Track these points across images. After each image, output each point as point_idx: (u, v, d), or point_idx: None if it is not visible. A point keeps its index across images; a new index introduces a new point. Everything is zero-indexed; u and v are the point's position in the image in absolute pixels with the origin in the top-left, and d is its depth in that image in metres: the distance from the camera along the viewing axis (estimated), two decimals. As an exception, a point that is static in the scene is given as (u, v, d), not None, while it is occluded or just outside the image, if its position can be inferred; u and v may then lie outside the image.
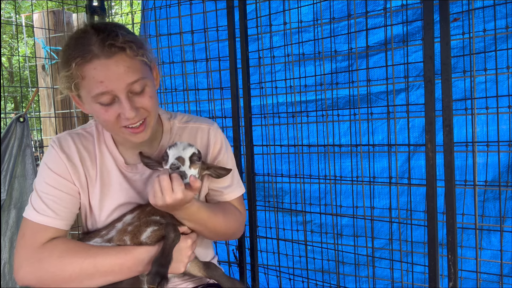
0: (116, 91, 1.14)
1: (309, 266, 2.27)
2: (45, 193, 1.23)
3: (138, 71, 1.16)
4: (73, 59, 1.14)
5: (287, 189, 2.38)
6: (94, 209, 1.31)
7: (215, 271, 1.32)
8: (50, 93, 3.10)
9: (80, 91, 1.18)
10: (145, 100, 1.19)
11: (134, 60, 1.15)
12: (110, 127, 1.21)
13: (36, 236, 1.21)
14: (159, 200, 1.10)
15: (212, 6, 2.33)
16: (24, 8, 7.52)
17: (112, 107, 1.16)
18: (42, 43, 3.06)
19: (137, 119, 1.18)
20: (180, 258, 1.22)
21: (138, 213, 1.25)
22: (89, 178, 1.30)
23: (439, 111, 1.38)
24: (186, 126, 1.40)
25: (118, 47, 1.12)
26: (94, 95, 1.14)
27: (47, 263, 1.17)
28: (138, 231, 1.20)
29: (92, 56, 1.12)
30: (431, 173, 1.39)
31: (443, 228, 1.42)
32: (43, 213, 1.22)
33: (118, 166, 1.32)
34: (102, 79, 1.12)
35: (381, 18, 2.11)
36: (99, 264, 1.17)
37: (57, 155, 1.27)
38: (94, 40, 1.13)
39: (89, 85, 1.14)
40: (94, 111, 1.19)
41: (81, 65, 1.13)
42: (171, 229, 1.17)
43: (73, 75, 1.14)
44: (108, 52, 1.12)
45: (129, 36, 1.16)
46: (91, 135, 1.34)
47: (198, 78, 2.50)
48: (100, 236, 1.26)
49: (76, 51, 1.14)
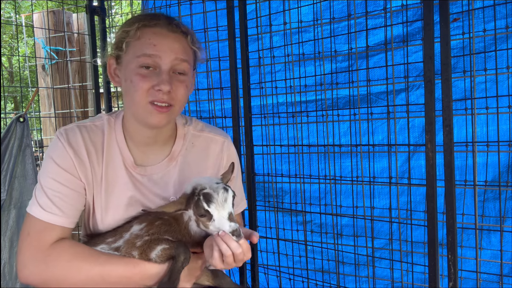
0: (163, 60, 1.19)
1: (309, 266, 2.27)
2: (50, 188, 1.19)
3: (189, 56, 1.25)
4: (137, 21, 1.22)
5: (287, 189, 2.38)
6: (97, 208, 1.27)
7: (223, 279, 1.31)
8: (50, 93, 3.10)
9: (126, 52, 1.22)
10: (180, 87, 1.22)
11: (189, 48, 1.25)
12: (138, 98, 1.19)
13: (41, 235, 1.17)
14: (228, 265, 1.10)
15: (212, 6, 2.33)
16: (24, 8, 7.52)
17: (150, 77, 1.18)
18: (42, 43, 3.06)
19: (166, 98, 1.19)
20: (188, 278, 1.21)
21: (147, 226, 1.20)
22: (94, 174, 1.26)
23: (439, 111, 1.38)
24: (200, 135, 1.40)
25: (182, 30, 1.24)
26: (140, 55, 1.18)
27: (53, 267, 1.15)
28: (148, 247, 1.16)
29: (156, 24, 1.22)
30: (431, 173, 1.39)
31: (443, 228, 1.42)
32: (49, 211, 1.18)
33: (126, 165, 1.29)
34: (156, 43, 1.19)
35: (381, 19, 2.11)
36: (106, 274, 1.15)
37: (64, 148, 1.22)
38: (163, 18, 1.24)
39: (141, 45, 1.19)
40: (131, 77, 1.19)
41: (143, 27, 1.21)
42: (182, 251, 1.14)
43: (130, 33, 1.21)
44: (172, 28, 1.23)
45: (192, 31, 1.28)
46: (99, 129, 1.30)
47: (198, 78, 2.50)
48: (107, 243, 1.23)
49: (143, 17, 1.24)
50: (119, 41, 1.24)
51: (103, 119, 1.32)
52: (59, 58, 3.09)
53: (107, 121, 1.32)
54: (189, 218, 1.20)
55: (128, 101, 1.24)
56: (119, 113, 1.35)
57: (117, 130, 1.31)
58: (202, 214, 1.12)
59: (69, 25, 3.16)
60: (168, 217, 1.21)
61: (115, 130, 1.31)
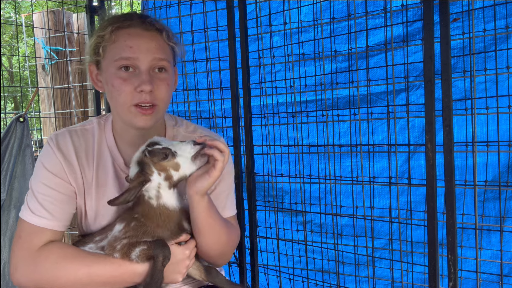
0: (141, 61, 1.18)
1: (309, 266, 2.27)
2: (40, 193, 1.21)
3: (166, 53, 1.23)
4: (110, 24, 1.20)
5: (287, 189, 2.38)
6: (89, 210, 1.28)
7: (216, 278, 1.29)
8: (50, 93, 3.10)
9: (104, 57, 1.21)
10: (161, 86, 1.21)
11: (166, 44, 1.24)
12: (121, 101, 1.19)
13: (32, 238, 1.19)
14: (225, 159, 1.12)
15: (212, 6, 2.33)
16: (24, 8, 7.52)
17: (130, 79, 1.18)
18: (42, 43, 3.06)
19: (149, 98, 1.19)
20: (177, 269, 1.20)
21: (125, 228, 1.19)
22: (85, 178, 1.27)
23: (439, 111, 1.38)
24: (192, 136, 1.38)
25: (156, 28, 1.22)
26: (118, 58, 1.17)
27: (42, 268, 1.16)
28: (128, 249, 1.16)
29: (130, 24, 1.20)
30: (431, 173, 1.39)
31: (443, 228, 1.42)
32: (38, 214, 1.19)
33: (116, 167, 1.29)
34: (132, 45, 1.18)
35: (381, 19, 2.11)
36: (94, 274, 1.15)
37: (53, 153, 1.24)
38: (136, 17, 1.22)
39: (118, 48, 1.18)
40: (111, 82, 1.19)
41: (117, 29, 1.19)
42: (160, 251, 1.13)
43: (105, 37, 1.19)
44: (146, 27, 1.21)
45: (167, 26, 1.26)
46: (90, 133, 1.31)
47: (198, 78, 2.50)
48: (94, 242, 1.23)
49: (116, 19, 1.22)
50: (95, 46, 1.23)
51: (93, 123, 1.34)
52: (59, 58, 3.09)
53: (97, 124, 1.33)
54: (158, 194, 1.17)
55: (113, 104, 1.24)
56: (109, 116, 1.36)
57: (107, 132, 1.32)
58: (164, 156, 1.12)
59: (69, 25, 3.16)
60: (138, 216, 1.19)
61: (105, 133, 1.32)
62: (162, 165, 1.14)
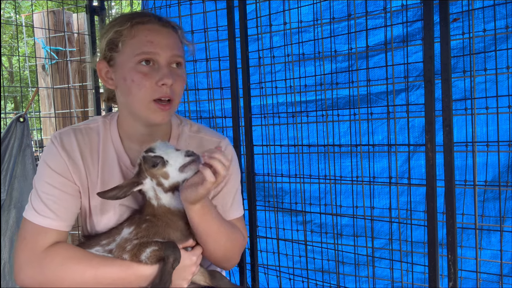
0: (161, 56, 1.19)
1: (309, 266, 2.27)
2: (44, 192, 1.20)
3: (182, 50, 1.27)
4: (130, 19, 1.21)
5: (287, 189, 2.38)
6: (93, 209, 1.27)
7: (221, 281, 1.29)
8: (50, 93, 3.10)
9: (121, 53, 1.21)
10: (179, 81, 1.23)
11: (180, 43, 1.27)
12: (142, 96, 1.19)
13: (37, 238, 1.18)
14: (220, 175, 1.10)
15: (212, 6, 2.33)
16: (24, 8, 7.53)
17: (151, 73, 1.18)
18: (42, 43, 3.06)
19: (169, 92, 1.20)
20: (183, 275, 1.19)
21: (135, 229, 1.20)
22: (89, 177, 1.26)
23: (439, 111, 1.38)
24: (196, 136, 1.39)
25: (172, 26, 1.26)
26: (139, 53, 1.18)
27: (48, 269, 1.15)
28: (138, 250, 1.16)
29: (149, 20, 1.22)
30: (431, 173, 1.39)
31: (443, 228, 1.42)
32: (43, 214, 1.18)
33: (122, 165, 1.28)
34: (152, 40, 1.19)
35: (381, 19, 2.11)
36: (100, 276, 1.14)
37: (58, 152, 1.23)
38: (152, 15, 1.26)
39: (137, 43, 1.19)
40: (131, 76, 1.18)
41: (136, 25, 1.20)
42: (171, 252, 1.13)
43: (124, 32, 1.20)
44: (163, 24, 1.24)
45: (180, 26, 1.31)
46: (94, 131, 1.30)
47: (198, 78, 2.50)
48: (101, 245, 1.22)
49: (134, 15, 1.24)
50: (111, 42, 1.22)
51: (98, 121, 1.33)
52: (59, 58, 3.09)
53: (102, 122, 1.32)
54: (156, 196, 1.19)
55: (130, 100, 1.22)
56: (114, 114, 1.35)
57: (112, 131, 1.30)
58: (155, 164, 1.14)
59: (69, 25, 3.16)
60: (149, 217, 1.20)
61: (111, 131, 1.31)
62: (152, 172, 1.17)
